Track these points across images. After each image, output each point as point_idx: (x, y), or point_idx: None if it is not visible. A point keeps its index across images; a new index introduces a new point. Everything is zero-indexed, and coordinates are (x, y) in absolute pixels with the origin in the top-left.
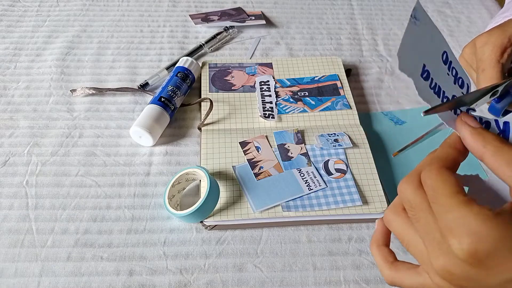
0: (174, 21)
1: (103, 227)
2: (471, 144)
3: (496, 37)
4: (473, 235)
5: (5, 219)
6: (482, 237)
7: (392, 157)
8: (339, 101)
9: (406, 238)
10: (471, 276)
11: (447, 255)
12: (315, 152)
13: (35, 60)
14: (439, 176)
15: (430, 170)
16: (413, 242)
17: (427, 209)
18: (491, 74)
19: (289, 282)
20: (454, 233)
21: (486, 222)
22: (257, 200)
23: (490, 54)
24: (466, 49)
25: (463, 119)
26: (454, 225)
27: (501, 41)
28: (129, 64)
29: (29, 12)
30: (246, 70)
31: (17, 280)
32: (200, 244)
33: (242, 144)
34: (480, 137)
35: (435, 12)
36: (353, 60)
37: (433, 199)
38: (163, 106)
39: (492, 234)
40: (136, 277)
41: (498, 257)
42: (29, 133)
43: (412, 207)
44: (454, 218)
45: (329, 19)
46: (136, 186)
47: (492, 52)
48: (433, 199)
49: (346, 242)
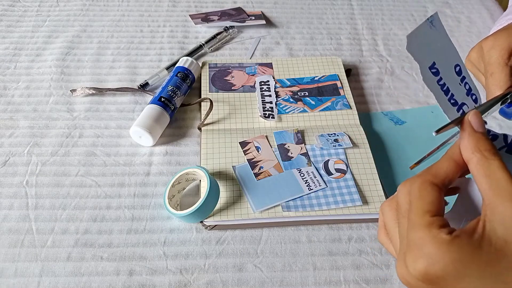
0: (174, 21)
1: (103, 227)
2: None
3: (502, 40)
4: (426, 258)
5: (5, 219)
6: (434, 260)
7: (392, 157)
8: (339, 101)
9: (390, 231)
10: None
11: (404, 268)
12: (315, 152)
13: (35, 60)
14: (419, 191)
15: (415, 183)
16: (394, 239)
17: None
18: (500, 77)
19: (289, 282)
20: (411, 252)
21: (440, 247)
22: (257, 200)
23: (497, 57)
24: (472, 52)
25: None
26: (413, 244)
27: (508, 44)
28: (129, 64)
29: (29, 12)
30: (246, 70)
31: (17, 280)
32: (200, 244)
33: (242, 144)
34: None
35: (435, 12)
36: (353, 60)
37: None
38: (163, 106)
39: (444, 258)
40: (136, 277)
41: (448, 279)
42: (29, 133)
43: (399, 210)
44: (415, 238)
45: (329, 19)
46: (136, 186)
47: (499, 55)
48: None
49: (346, 242)
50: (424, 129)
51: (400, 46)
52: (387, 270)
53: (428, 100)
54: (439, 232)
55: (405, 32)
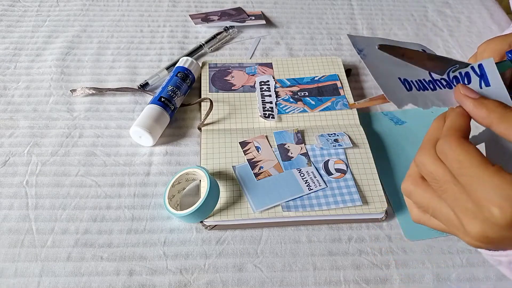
0: (174, 21)
1: (103, 227)
2: (476, 115)
3: (495, 43)
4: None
5: (5, 219)
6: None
7: (392, 157)
8: (339, 101)
9: (431, 206)
10: (508, 237)
11: (484, 222)
12: (315, 152)
13: (35, 60)
14: (461, 147)
15: (450, 142)
16: (439, 210)
17: (452, 181)
18: None
19: (289, 282)
20: (494, 202)
21: None
22: (257, 200)
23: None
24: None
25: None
26: (493, 195)
27: (500, 48)
28: (129, 64)
29: (29, 12)
30: (246, 70)
31: (17, 280)
32: (200, 244)
33: (242, 144)
34: (483, 106)
35: (435, 12)
36: (353, 60)
37: (459, 171)
38: (163, 106)
39: None
40: (136, 277)
41: None
42: (29, 133)
43: (436, 179)
44: (491, 188)
45: (329, 19)
46: (136, 186)
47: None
48: (460, 171)
49: (346, 242)
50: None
51: None
52: (387, 270)
53: None
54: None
55: (405, 32)
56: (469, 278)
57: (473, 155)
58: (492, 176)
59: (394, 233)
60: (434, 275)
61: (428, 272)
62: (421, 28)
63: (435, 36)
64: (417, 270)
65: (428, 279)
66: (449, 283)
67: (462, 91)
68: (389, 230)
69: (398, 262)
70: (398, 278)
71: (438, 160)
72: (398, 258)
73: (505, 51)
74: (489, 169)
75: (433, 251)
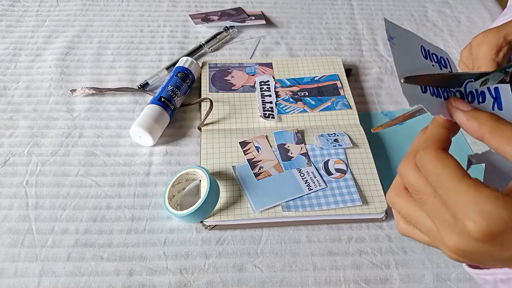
0: (174, 21)
1: (103, 227)
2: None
3: (491, 36)
4: (487, 217)
5: (5, 219)
6: (496, 217)
7: (392, 157)
8: (339, 101)
9: (413, 216)
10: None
11: (460, 235)
12: (315, 152)
13: (35, 60)
14: (438, 160)
15: (428, 153)
16: (420, 221)
17: (432, 193)
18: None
19: (289, 282)
20: (469, 217)
21: (497, 203)
22: (257, 200)
23: (485, 53)
24: (463, 51)
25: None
26: (468, 209)
27: (496, 40)
28: (129, 64)
29: (29, 12)
30: (246, 70)
31: (17, 280)
32: (200, 244)
33: (242, 144)
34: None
35: (435, 12)
36: (353, 60)
37: (437, 183)
38: (163, 106)
39: (504, 214)
40: (136, 277)
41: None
42: (29, 133)
43: (416, 190)
44: (467, 203)
45: (329, 19)
46: (136, 186)
47: (487, 51)
48: (438, 184)
49: (346, 242)
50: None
51: None
52: (387, 270)
53: None
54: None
55: None
56: (469, 278)
57: (451, 168)
58: (469, 190)
59: (394, 233)
60: (434, 275)
61: (428, 272)
62: (421, 28)
63: (435, 36)
64: (417, 270)
65: (428, 279)
66: (449, 283)
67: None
68: (389, 230)
69: (398, 262)
70: (398, 278)
71: (418, 172)
72: (398, 258)
73: (501, 44)
74: (467, 182)
75: (433, 251)
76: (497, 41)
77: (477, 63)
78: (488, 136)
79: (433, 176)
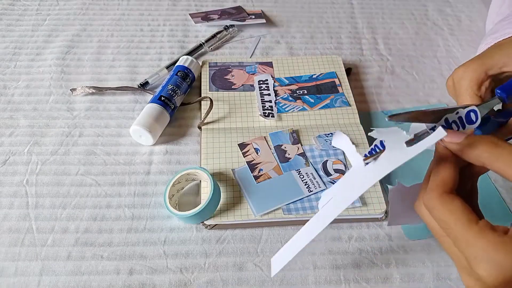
0: (174, 20)
1: (103, 226)
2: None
3: (473, 71)
4: (498, 266)
5: (5, 218)
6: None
7: None
8: (338, 99)
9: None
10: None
11: (475, 280)
12: (314, 152)
13: (35, 59)
14: (443, 206)
15: (433, 199)
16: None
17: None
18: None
19: (289, 281)
20: (480, 267)
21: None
22: (258, 204)
23: (467, 89)
24: (448, 81)
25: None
26: (479, 259)
27: (478, 75)
28: (129, 63)
29: (29, 11)
30: (246, 69)
31: (17, 279)
32: (200, 243)
33: (241, 146)
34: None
35: (435, 10)
36: (353, 59)
37: (446, 230)
38: (163, 105)
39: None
40: (136, 276)
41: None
42: (29, 132)
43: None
44: (477, 252)
45: (330, 18)
46: (136, 185)
47: (468, 87)
48: (447, 230)
49: (346, 241)
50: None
51: (400, 45)
52: (387, 269)
53: (428, 99)
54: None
55: (406, 31)
56: None
57: (456, 215)
58: (477, 237)
59: (394, 232)
60: (434, 274)
61: (428, 271)
62: (422, 27)
63: (435, 35)
64: (417, 269)
65: (428, 278)
66: (449, 282)
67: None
68: (389, 229)
69: (398, 261)
70: (398, 277)
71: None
72: (398, 257)
73: (482, 79)
74: (473, 229)
75: (433, 250)
76: (478, 76)
77: (460, 99)
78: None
79: (441, 222)
